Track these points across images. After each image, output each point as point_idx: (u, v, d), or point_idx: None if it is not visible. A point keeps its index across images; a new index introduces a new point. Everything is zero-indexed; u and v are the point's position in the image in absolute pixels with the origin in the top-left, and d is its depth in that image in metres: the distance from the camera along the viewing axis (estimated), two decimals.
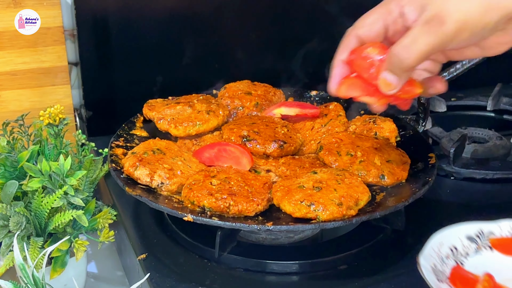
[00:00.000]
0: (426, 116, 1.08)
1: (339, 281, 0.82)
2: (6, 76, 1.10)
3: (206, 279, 0.81)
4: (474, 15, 0.64)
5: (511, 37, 0.67)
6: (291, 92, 1.13)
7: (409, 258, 0.85)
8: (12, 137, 0.89)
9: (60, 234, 0.85)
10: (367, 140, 0.93)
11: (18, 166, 0.84)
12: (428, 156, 0.93)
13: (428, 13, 0.66)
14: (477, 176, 1.03)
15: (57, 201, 0.81)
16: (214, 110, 1.01)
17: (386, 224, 0.88)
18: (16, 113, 0.95)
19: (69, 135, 1.00)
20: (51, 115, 0.95)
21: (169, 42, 1.17)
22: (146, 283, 0.80)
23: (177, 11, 1.15)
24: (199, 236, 0.86)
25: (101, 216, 0.86)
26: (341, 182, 0.85)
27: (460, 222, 0.82)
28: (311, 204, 0.80)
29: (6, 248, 0.83)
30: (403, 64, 0.68)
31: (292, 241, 0.89)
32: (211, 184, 0.84)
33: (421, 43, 0.66)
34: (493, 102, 1.22)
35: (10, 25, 1.07)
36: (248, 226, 0.79)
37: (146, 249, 0.87)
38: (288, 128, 0.97)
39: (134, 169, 0.86)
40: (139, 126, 1.02)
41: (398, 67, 0.69)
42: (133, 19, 1.13)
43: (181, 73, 1.18)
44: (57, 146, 0.91)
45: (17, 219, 0.81)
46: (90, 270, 0.97)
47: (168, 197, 0.85)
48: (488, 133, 1.13)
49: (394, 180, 0.89)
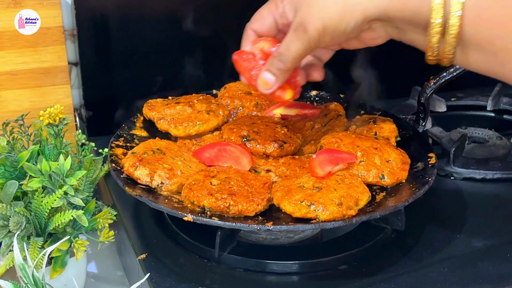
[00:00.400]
0: (426, 116, 1.08)
1: (339, 281, 0.82)
2: (6, 76, 1.10)
3: (206, 279, 0.81)
4: (332, 22, 0.73)
5: (380, 34, 0.76)
6: None
7: (409, 258, 0.85)
8: (12, 137, 0.89)
9: (60, 234, 0.85)
10: (367, 140, 0.93)
11: (18, 166, 0.84)
12: (428, 156, 0.93)
13: (296, 20, 0.76)
14: (477, 176, 1.03)
15: (57, 201, 0.81)
16: (214, 110, 1.01)
17: (386, 224, 0.88)
18: (16, 113, 0.95)
19: (69, 135, 1.00)
20: (51, 115, 0.95)
21: (169, 42, 1.17)
22: (146, 283, 0.80)
23: (177, 11, 1.15)
24: (199, 236, 0.86)
25: (101, 216, 0.87)
26: (341, 182, 0.85)
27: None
28: (311, 204, 0.80)
29: (6, 248, 0.83)
30: (281, 66, 0.78)
31: (292, 241, 0.89)
32: (211, 184, 0.84)
33: (293, 49, 0.76)
34: (493, 102, 1.22)
35: (10, 25, 1.07)
36: (248, 226, 0.79)
37: (146, 249, 0.87)
38: (288, 128, 0.97)
39: (134, 169, 0.86)
40: (139, 126, 1.02)
41: (276, 69, 0.79)
42: (133, 19, 1.13)
43: (181, 73, 1.18)
44: (57, 146, 0.91)
45: (17, 219, 0.81)
46: (90, 270, 0.97)
47: (168, 197, 0.85)
48: (488, 133, 1.13)
49: (394, 180, 0.89)
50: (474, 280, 0.81)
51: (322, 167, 0.86)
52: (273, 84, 0.80)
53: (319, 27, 0.74)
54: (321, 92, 1.12)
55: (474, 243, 0.88)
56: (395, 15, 0.71)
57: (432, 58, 0.72)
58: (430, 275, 0.82)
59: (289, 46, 0.77)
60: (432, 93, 1.06)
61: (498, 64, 0.68)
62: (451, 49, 0.70)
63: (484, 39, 0.68)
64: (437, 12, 0.68)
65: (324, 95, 1.12)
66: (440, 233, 0.90)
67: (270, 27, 0.81)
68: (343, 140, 0.93)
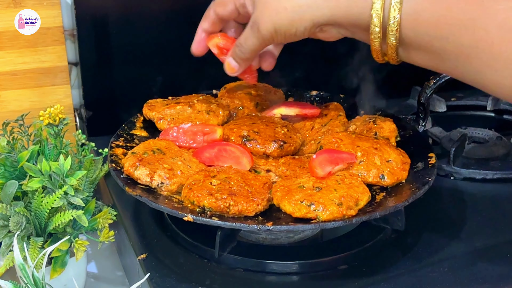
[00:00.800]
0: (426, 116, 1.08)
1: (339, 281, 0.82)
2: (6, 76, 1.10)
3: (206, 279, 0.81)
4: (282, 27, 0.79)
5: (332, 34, 0.81)
6: (291, 92, 1.13)
7: (409, 258, 0.85)
8: (12, 137, 0.89)
9: (60, 234, 0.85)
10: (367, 140, 0.93)
11: (18, 166, 0.84)
12: (428, 156, 0.93)
13: (253, 17, 0.83)
14: (477, 176, 1.03)
15: (57, 201, 0.81)
16: (214, 110, 1.01)
17: (386, 224, 0.88)
18: (16, 113, 0.95)
19: (69, 135, 1.00)
20: (51, 115, 0.95)
21: (169, 42, 1.17)
22: (146, 283, 0.80)
23: (177, 11, 1.15)
24: (199, 236, 0.86)
25: (101, 216, 0.87)
26: (341, 182, 0.85)
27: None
28: (311, 204, 0.80)
29: (6, 248, 0.83)
30: (241, 56, 0.87)
31: (292, 241, 0.89)
32: (211, 184, 0.84)
33: (249, 43, 0.85)
34: (493, 102, 1.22)
35: (10, 25, 1.07)
36: (248, 226, 0.79)
37: (146, 249, 0.87)
38: (288, 128, 0.97)
39: (134, 169, 0.86)
40: (139, 126, 1.02)
41: (238, 57, 0.88)
42: (133, 19, 1.13)
43: (181, 73, 1.18)
44: (57, 146, 0.91)
45: (17, 219, 0.81)
46: (90, 270, 0.97)
47: (168, 197, 0.85)
48: (488, 133, 1.13)
49: (394, 180, 0.89)
50: (474, 280, 0.81)
51: (322, 167, 0.86)
52: (237, 69, 0.90)
53: (271, 29, 0.80)
54: (321, 92, 1.12)
55: (474, 243, 0.88)
56: (341, 21, 0.77)
57: (378, 59, 0.78)
58: (430, 275, 0.82)
59: (246, 39, 0.85)
60: (432, 93, 1.06)
61: (440, 62, 0.72)
62: (393, 51, 0.75)
63: (423, 40, 0.72)
64: (375, 19, 0.73)
65: (324, 95, 1.12)
66: (440, 233, 0.90)
67: (231, 13, 0.88)
68: (343, 140, 0.93)
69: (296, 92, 1.13)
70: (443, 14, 0.69)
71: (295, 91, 1.13)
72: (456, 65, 0.71)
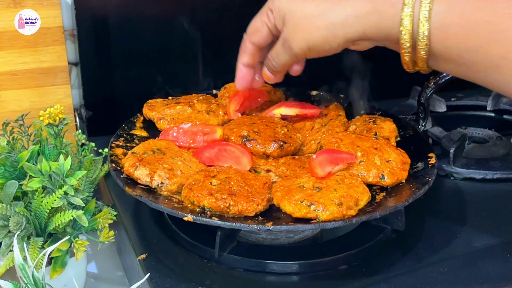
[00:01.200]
0: (426, 116, 1.08)
1: (339, 281, 0.82)
2: (6, 76, 1.10)
3: (206, 279, 0.81)
4: (316, 44, 0.81)
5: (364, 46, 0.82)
6: (291, 92, 1.13)
7: (409, 258, 0.85)
8: (12, 137, 0.89)
9: (60, 234, 0.85)
10: (367, 140, 0.93)
11: (18, 166, 0.84)
12: (428, 156, 0.93)
13: (283, 34, 0.84)
14: (477, 176, 1.03)
15: (57, 201, 0.81)
16: (214, 110, 1.01)
17: (386, 224, 0.88)
18: (16, 113, 0.95)
19: (69, 135, 1.00)
20: (51, 115, 0.95)
21: (169, 42, 1.17)
22: (146, 283, 0.80)
23: (177, 11, 1.15)
24: (199, 236, 0.86)
25: (101, 216, 0.86)
26: (341, 182, 0.85)
27: None
28: (311, 204, 0.80)
29: (6, 248, 0.83)
30: (274, 69, 0.90)
31: (292, 241, 0.89)
32: (211, 184, 0.84)
33: (281, 59, 0.87)
34: (493, 102, 1.22)
35: (10, 25, 1.07)
36: (248, 226, 0.79)
37: (146, 249, 0.87)
38: (288, 128, 0.97)
39: (134, 169, 0.86)
40: (139, 126, 1.02)
41: (271, 70, 0.90)
42: (133, 19, 1.13)
43: (181, 73, 1.18)
44: (57, 146, 0.91)
45: (17, 219, 0.81)
46: (90, 270, 0.97)
47: (168, 197, 0.85)
48: (488, 133, 1.13)
49: (394, 180, 0.89)
50: (474, 280, 0.81)
51: (322, 167, 0.86)
52: (272, 79, 0.92)
53: (303, 47, 0.82)
54: (321, 92, 1.12)
55: (474, 243, 0.88)
56: (373, 36, 0.78)
57: (409, 69, 0.79)
58: (430, 275, 0.82)
59: (278, 55, 0.87)
60: (432, 93, 1.06)
61: (470, 72, 0.74)
62: (424, 63, 0.76)
63: (452, 53, 0.73)
64: (405, 36, 0.74)
65: (324, 95, 1.12)
66: (440, 233, 0.90)
67: (267, 36, 0.88)
68: (343, 140, 0.93)
69: (296, 92, 1.13)
70: (472, 28, 0.70)
71: (295, 91, 1.13)
72: (486, 75, 0.72)
